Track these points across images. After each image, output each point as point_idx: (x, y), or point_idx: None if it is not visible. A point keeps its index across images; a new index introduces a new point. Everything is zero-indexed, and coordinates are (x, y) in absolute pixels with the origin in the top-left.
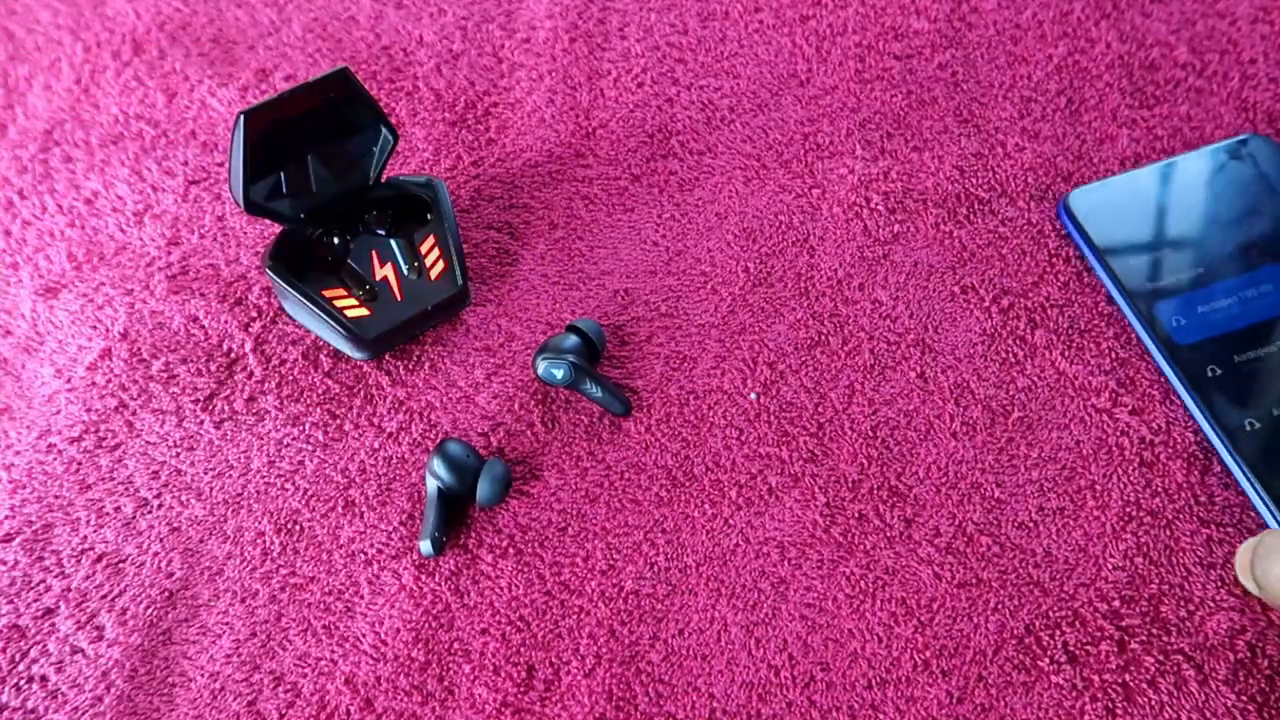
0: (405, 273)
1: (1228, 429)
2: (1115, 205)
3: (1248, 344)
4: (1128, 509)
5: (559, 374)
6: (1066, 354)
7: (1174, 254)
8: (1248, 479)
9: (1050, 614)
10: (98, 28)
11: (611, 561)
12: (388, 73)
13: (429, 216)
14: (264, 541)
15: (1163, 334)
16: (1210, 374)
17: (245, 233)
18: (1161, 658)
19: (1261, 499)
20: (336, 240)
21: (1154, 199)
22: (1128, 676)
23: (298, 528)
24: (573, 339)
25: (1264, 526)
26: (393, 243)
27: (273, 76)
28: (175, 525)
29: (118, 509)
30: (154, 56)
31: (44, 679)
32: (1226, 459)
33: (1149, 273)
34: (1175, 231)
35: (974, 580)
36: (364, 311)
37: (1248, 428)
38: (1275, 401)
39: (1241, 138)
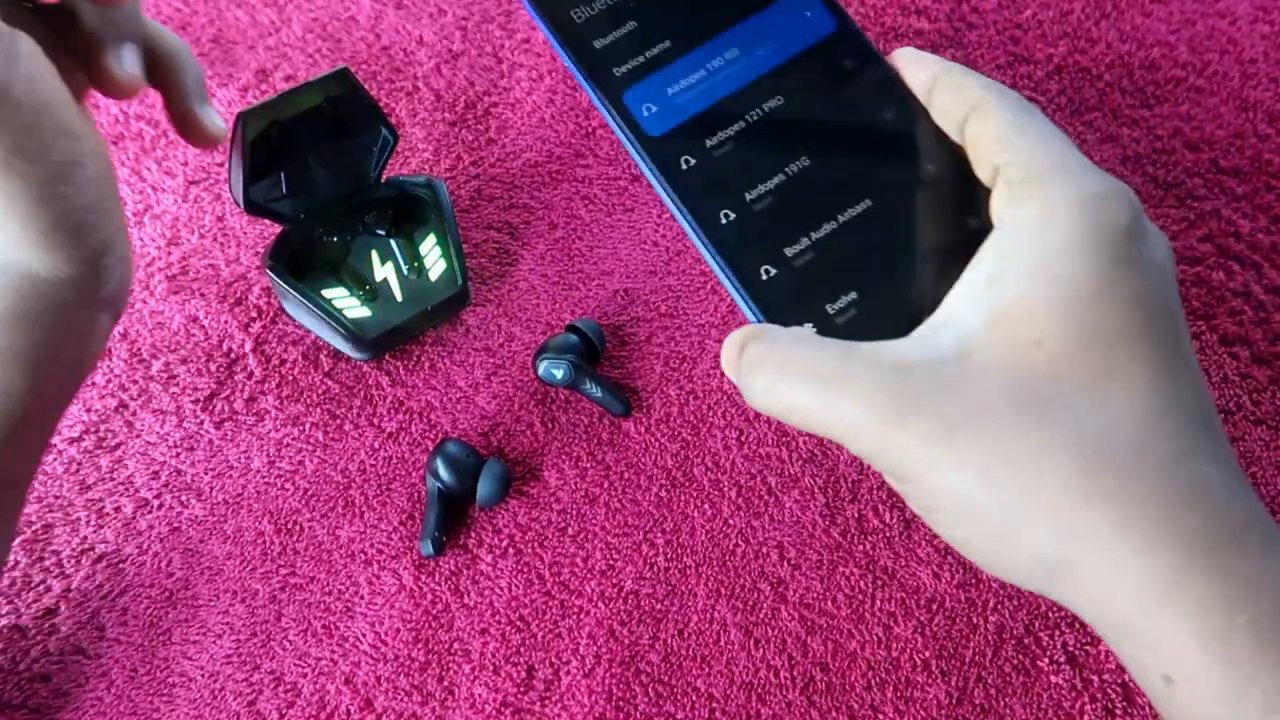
0: (405, 273)
1: (705, 223)
2: None
3: (717, 126)
4: None
5: (559, 374)
6: None
7: (638, 25)
8: (726, 275)
9: (1049, 614)
10: None
11: (611, 562)
12: (388, 73)
13: (429, 216)
14: (264, 541)
15: (635, 127)
16: (684, 165)
17: (245, 233)
18: None
19: (742, 297)
20: (336, 240)
21: None
22: (1127, 677)
23: (298, 528)
24: (573, 339)
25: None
26: (393, 243)
27: (273, 77)
28: (175, 525)
29: (118, 509)
30: None
31: (45, 678)
32: (706, 257)
33: (612, 51)
34: None
35: (973, 580)
36: (364, 311)
37: (723, 220)
38: (748, 186)
39: None
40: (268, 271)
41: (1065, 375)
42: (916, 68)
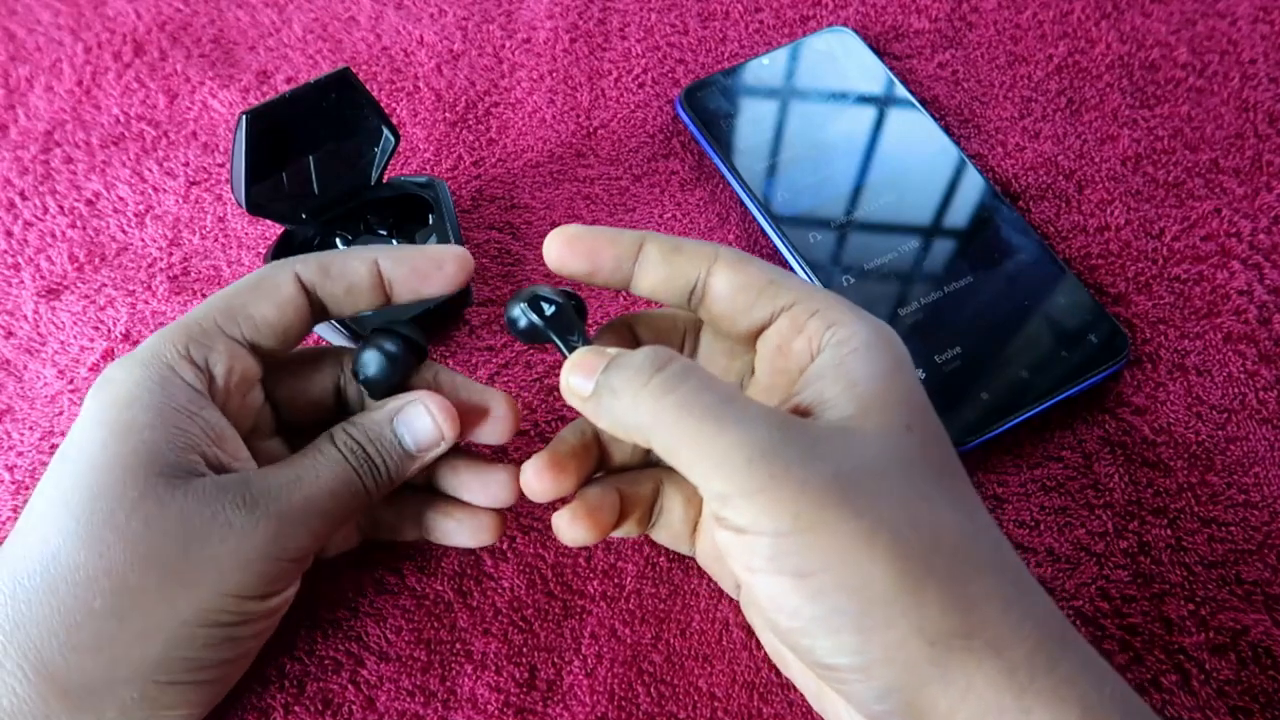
0: None
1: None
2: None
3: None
4: (1129, 506)
5: (524, 321)
6: None
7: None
8: None
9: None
10: (99, 28)
11: (613, 562)
12: (388, 73)
13: (430, 217)
14: None
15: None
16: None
17: (246, 233)
18: (1164, 657)
19: None
20: (338, 241)
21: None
22: (1130, 676)
23: None
24: (557, 291)
25: None
26: (394, 243)
27: (274, 77)
28: None
29: None
30: (155, 57)
31: None
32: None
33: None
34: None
35: None
36: (366, 312)
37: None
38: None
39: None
40: None
41: (933, 457)
42: (592, 243)
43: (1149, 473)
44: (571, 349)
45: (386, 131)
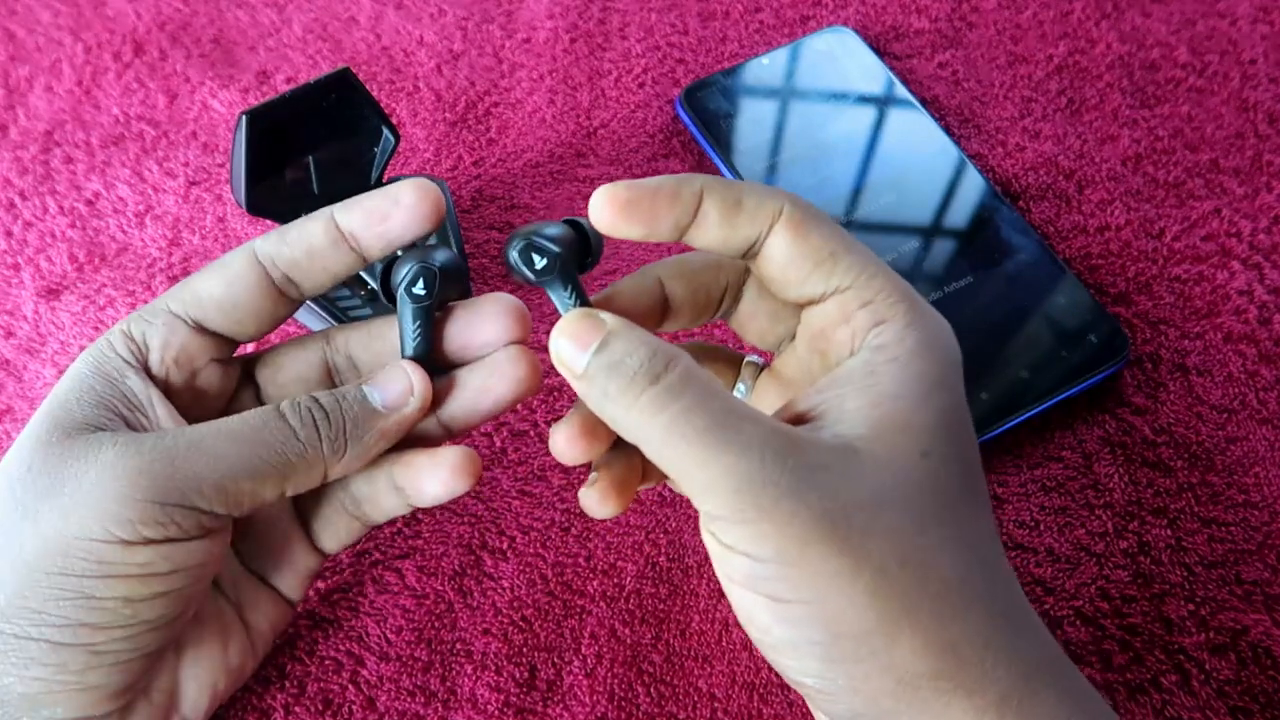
0: None
1: None
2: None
3: None
4: (1129, 506)
5: (538, 263)
6: None
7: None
8: None
9: (1052, 613)
10: (99, 28)
11: (613, 561)
12: (388, 73)
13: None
14: None
15: None
16: None
17: (246, 234)
18: (1164, 657)
19: None
20: None
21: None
22: (1130, 676)
23: None
24: (567, 231)
25: None
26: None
27: (274, 78)
28: None
29: None
30: (155, 57)
31: None
32: None
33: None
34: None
35: None
36: (366, 312)
37: None
38: None
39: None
40: None
41: (947, 486)
42: (651, 206)
43: (1149, 473)
44: (566, 307)
45: (386, 131)
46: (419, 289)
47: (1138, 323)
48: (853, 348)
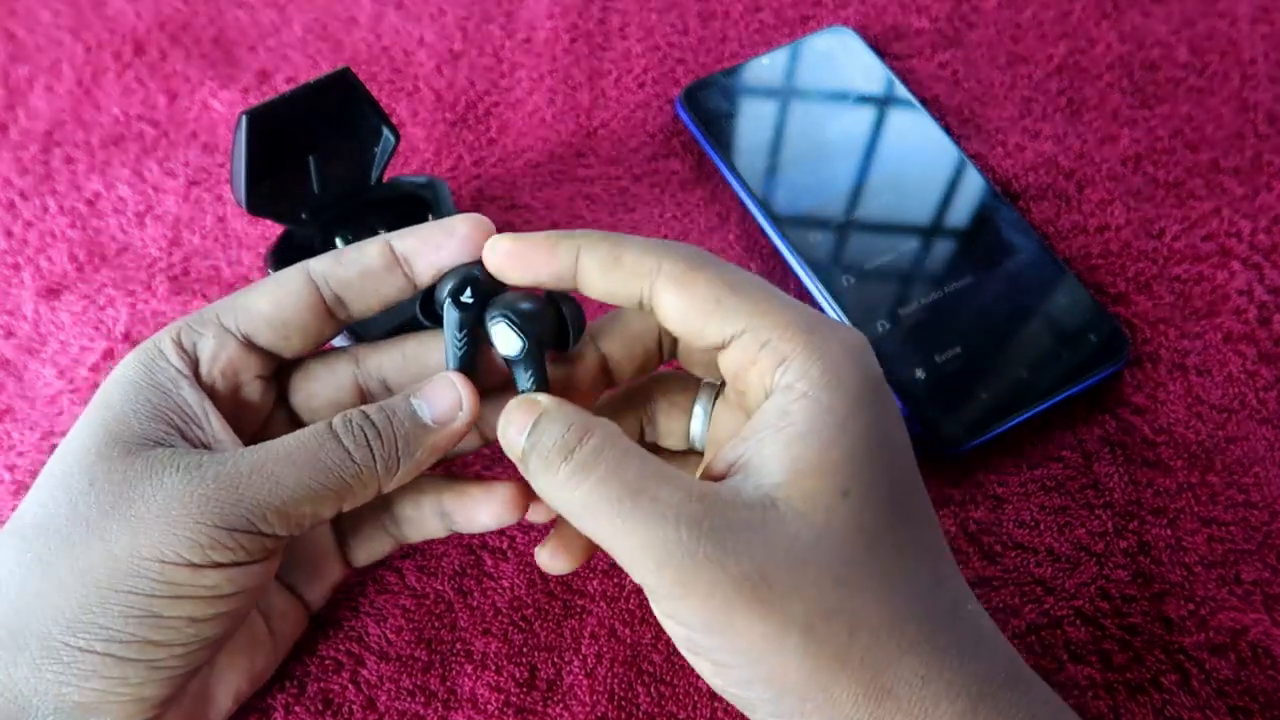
0: None
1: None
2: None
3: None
4: (1129, 506)
5: (513, 345)
6: None
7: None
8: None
9: (1052, 613)
10: (99, 28)
11: (613, 561)
12: (388, 73)
13: (430, 217)
14: None
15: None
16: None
17: (246, 233)
18: (1164, 656)
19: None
20: (338, 241)
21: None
22: (1130, 675)
23: None
24: (539, 308)
25: None
26: None
27: (274, 77)
28: None
29: None
30: (155, 57)
31: None
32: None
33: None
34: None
35: (975, 579)
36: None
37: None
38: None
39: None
40: (269, 272)
41: (873, 523)
42: (528, 256)
43: (1149, 473)
44: (522, 388)
45: (386, 131)
46: (465, 298)
47: (1138, 323)
48: (766, 389)
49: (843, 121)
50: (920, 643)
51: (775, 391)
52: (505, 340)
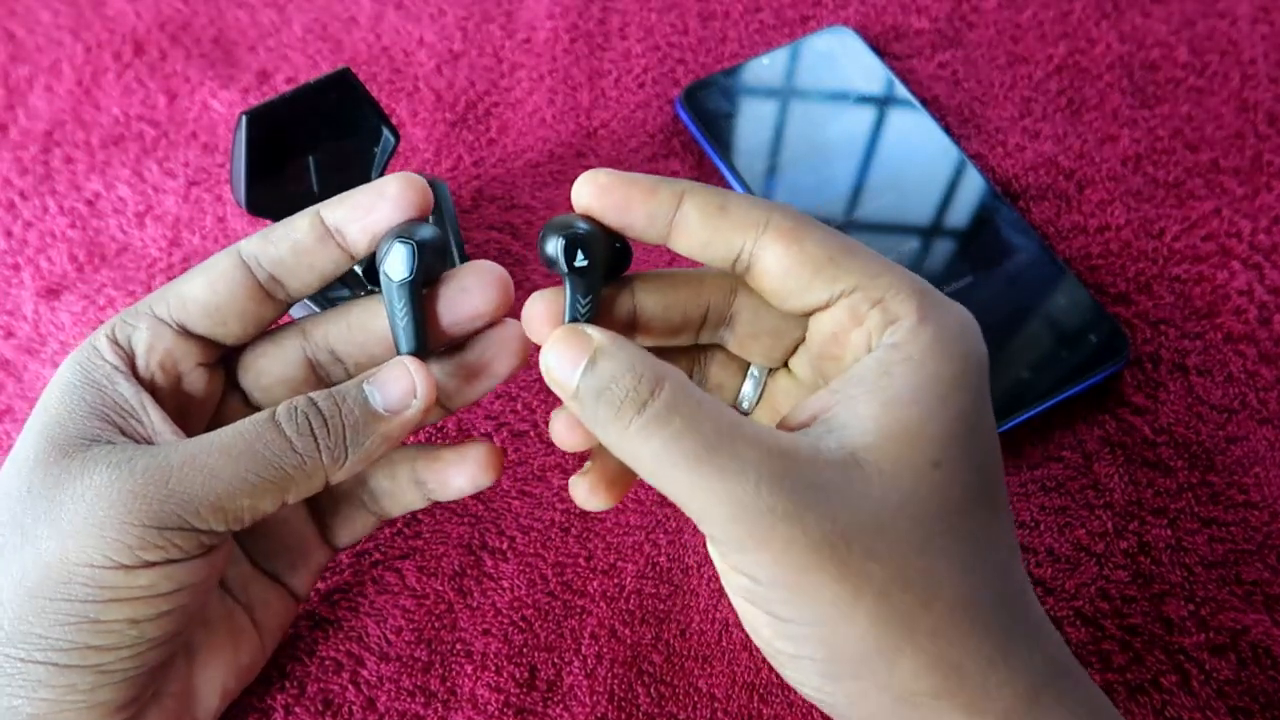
0: None
1: None
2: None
3: None
4: (1129, 506)
5: (574, 258)
6: None
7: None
8: None
9: (1052, 613)
10: (98, 28)
11: (613, 561)
12: (388, 73)
13: (431, 218)
14: None
15: None
16: None
17: (246, 234)
18: (1164, 657)
19: None
20: None
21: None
22: (1130, 676)
23: None
24: (602, 234)
25: None
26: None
27: (274, 77)
28: None
29: None
30: (155, 57)
31: None
32: None
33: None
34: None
35: None
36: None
37: None
38: None
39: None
40: None
41: (959, 499)
42: (625, 194)
43: (1149, 473)
44: (573, 312)
45: (386, 131)
46: (401, 266)
47: (1138, 323)
48: (870, 346)
49: (843, 122)
50: (991, 624)
51: (879, 348)
52: (576, 257)
